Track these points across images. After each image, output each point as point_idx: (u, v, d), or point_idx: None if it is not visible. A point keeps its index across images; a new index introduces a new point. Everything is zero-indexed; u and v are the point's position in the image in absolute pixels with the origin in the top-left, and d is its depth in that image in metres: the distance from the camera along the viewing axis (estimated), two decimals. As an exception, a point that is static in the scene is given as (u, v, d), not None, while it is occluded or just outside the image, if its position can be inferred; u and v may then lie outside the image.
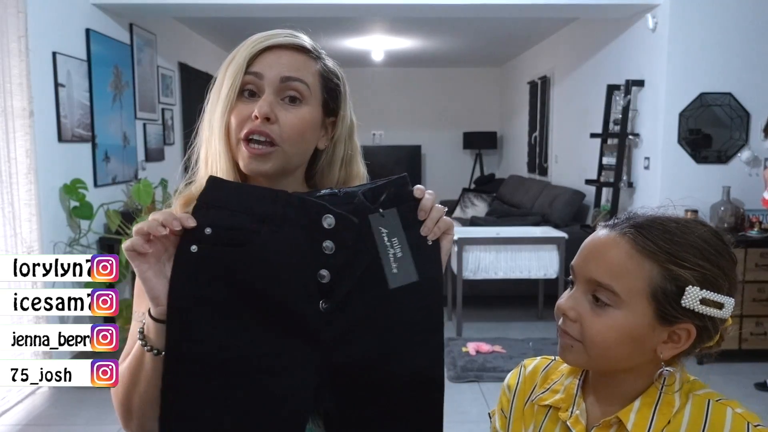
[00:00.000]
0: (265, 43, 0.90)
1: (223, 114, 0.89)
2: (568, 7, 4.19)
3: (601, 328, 0.79)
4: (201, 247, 0.80)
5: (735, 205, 3.94)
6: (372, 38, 6.52)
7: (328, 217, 0.82)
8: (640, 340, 0.79)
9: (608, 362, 0.82)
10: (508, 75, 8.51)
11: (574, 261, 0.85)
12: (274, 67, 0.90)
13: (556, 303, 0.85)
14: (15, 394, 3.19)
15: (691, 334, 0.79)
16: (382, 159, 8.75)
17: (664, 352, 0.80)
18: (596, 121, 4.92)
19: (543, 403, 0.91)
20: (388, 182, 0.90)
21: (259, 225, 0.81)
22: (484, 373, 3.62)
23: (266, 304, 0.81)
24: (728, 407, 0.79)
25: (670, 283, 0.77)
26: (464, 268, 4.28)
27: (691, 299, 0.77)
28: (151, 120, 5.02)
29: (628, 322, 0.78)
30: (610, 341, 0.79)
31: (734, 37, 3.94)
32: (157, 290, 0.81)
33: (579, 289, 0.83)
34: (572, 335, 0.82)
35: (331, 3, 4.11)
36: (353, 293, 0.84)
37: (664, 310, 0.78)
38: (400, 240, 0.86)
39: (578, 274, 0.83)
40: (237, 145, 0.90)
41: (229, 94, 0.89)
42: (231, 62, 0.91)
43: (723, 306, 0.78)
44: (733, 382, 3.43)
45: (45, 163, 3.40)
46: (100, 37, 4.10)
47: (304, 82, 0.92)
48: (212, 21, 5.40)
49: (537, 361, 0.99)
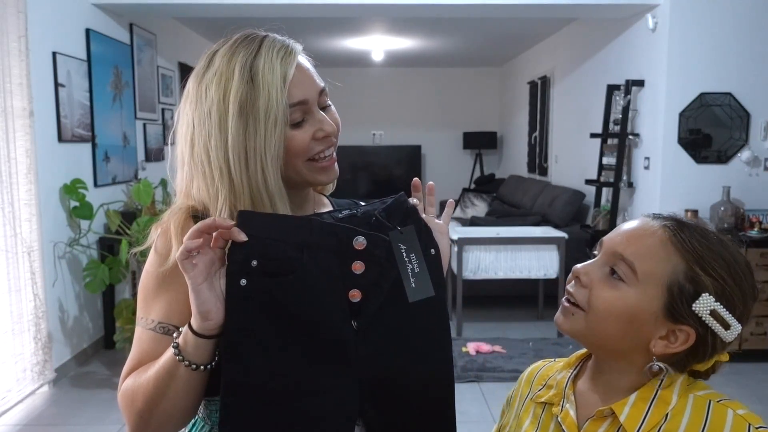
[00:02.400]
0: (291, 69, 0.88)
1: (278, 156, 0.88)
2: (568, 7, 4.19)
3: (608, 297, 0.81)
4: (249, 280, 0.82)
5: (735, 205, 3.94)
6: (372, 38, 6.52)
7: (360, 237, 0.86)
8: (639, 325, 0.80)
9: (600, 337, 0.83)
10: (508, 75, 8.51)
11: (607, 236, 0.86)
12: (310, 87, 0.91)
13: (575, 266, 0.87)
14: (15, 394, 3.19)
15: (689, 339, 0.79)
16: (382, 159, 8.76)
17: (656, 347, 0.80)
18: (596, 121, 4.92)
19: (540, 401, 0.92)
20: (395, 201, 0.94)
21: (300, 253, 0.83)
22: (484, 373, 3.62)
23: (307, 329, 0.84)
24: (729, 408, 0.78)
25: (690, 283, 0.78)
26: (464, 268, 4.28)
27: (703, 306, 0.77)
28: (151, 120, 5.02)
29: (636, 302, 0.79)
30: (612, 313, 0.80)
31: (734, 37, 3.94)
32: (209, 304, 0.80)
33: (601, 259, 0.84)
34: (577, 300, 0.83)
35: (331, 3, 4.11)
36: (380, 310, 0.88)
37: (674, 305, 0.78)
38: (417, 256, 0.90)
39: (606, 246, 0.85)
40: (304, 168, 0.92)
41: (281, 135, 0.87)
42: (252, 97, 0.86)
43: (730, 327, 0.78)
44: (733, 382, 3.43)
45: (45, 163, 3.40)
46: (100, 37, 4.10)
47: (325, 85, 0.95)
48: (212, 21, 5.39)
49: (534, 365, 1.01)
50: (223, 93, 0.86)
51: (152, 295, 0.90)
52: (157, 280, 0.90)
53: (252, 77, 0.86)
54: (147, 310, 0.90)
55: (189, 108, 0.90)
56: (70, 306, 3.73)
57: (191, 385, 0.83)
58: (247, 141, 0.86)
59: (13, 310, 3.17)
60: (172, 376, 0.82)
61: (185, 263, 0.79)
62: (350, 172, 8.44)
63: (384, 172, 8.66)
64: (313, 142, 0.90)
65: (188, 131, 0.90)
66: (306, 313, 0.84)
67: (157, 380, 0.83)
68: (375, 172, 8.68)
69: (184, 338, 0.82)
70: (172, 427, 0.88)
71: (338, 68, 8.34)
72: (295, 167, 0.90)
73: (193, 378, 0.83)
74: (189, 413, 0.88)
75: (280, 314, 0.83)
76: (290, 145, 0.89)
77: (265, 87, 0.85)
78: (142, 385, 0.85)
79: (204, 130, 0.88)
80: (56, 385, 3.46)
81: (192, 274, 0.79)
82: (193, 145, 0.89)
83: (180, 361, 0.81)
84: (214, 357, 0.84)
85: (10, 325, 3.16)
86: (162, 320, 0.88)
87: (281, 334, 0.83)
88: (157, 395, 0.83)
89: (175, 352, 0.82)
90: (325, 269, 0.84)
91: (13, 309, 3.18)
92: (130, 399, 0.86)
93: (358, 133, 8.61)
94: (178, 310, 0.88)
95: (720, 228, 3.86)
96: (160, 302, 0.89)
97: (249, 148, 0.86)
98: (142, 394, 0.85)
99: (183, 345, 0.82)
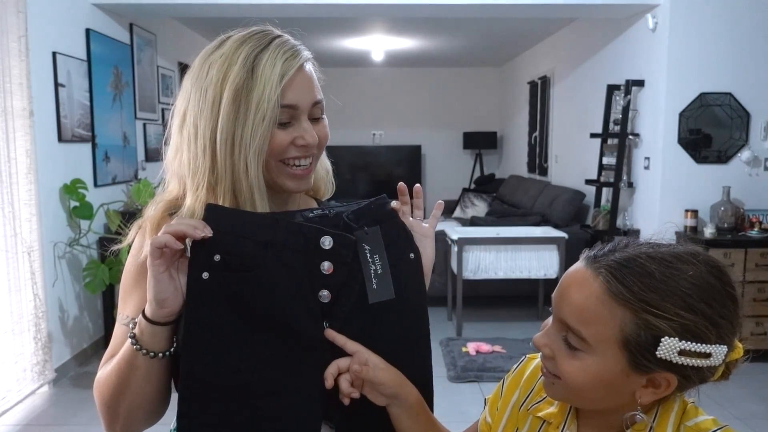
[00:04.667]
0: (292, 70, 0.89)
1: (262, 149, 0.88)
2: (568, 7, 4.19)
3: (572, 369, 0.75)
4: (212, 274, 0.82)
5: (735, 205, 3.94)
6: (372, 38, 6.52)
7: (327, 238, 0.86)
8: (615, 386, 0.75)
9: (584, 402, 0.79)
10: (508, 75, 8.51)
11: (554, 293, 0.80)
12: (306, 95, 0.91)
13: (534, 337, 0.82)
14: (15, 394, 3.18)
15: (671, 383, 0.73)
16: (382, 159, 8.75)
17: (642, 397, 0.75)
18: (596, 121, 4.92)
19: (537, 414, 0.88)
20: (370, 202, 0.94)
21: (264, 251, 0.84)
22: (484, 373, 3.62)
23: (273, 327, 0.84)
24: None
25: (645, 333, 0.71)
26: (464, 268, 4.28)
27: (667, 351, 0.70)
28: (151, 120, 5.02)
29: (600, 368, 0.74)
30: (583, 384, 0.75)
31: (734, 37, 3.94)
32: (166, 292, 0.82)
33: (554, 326, 0.79)
34: (551, 371, 0.79)
35: (331, 3, 4.11)
36: (353, 311, 0.88)
37: (636, 359, 0.72)
38: (381, 257, 0.90)
39: (554, 309, 0.79)
40: (277, 171, 0.92)
41: (267, 130, 0.88)
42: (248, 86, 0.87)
43: (710, 356, 0.71)
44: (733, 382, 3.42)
45: (45, 163, 3.40)
46: (100, 37, 4.10)
47: (323, 98, 0.95)
48: (212, 21, 5.39)
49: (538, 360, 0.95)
50: (223, 76, 0.88)
51: (129, 291, 0.92)
52: (132, 276, 0.92)
53: (253, 68, 0.87)
54: (123, 306, 0.92)
55: (189, 82, 0.92)
56: (70, 306, 3.73)
57: (152, 373, 0.85)
58: (235, 128, 0.87)
59: (13, 310, 3.17)
60: (131, 365, 0.84)
61: (156, 252, 0.80)
62: (350, 172, 8.43)
63: (384, 172, 8.65)
64: (291, 146, 0.91)
65: (183, 104, 0.92)
66: (270, 311, 0.83)
67: (119, 371, 0.85)
68: (375, 172, 8.68)
69: (139, 327, 0.84)
70: (143, 415, 0.89)
71: (338, 68, 8.34)
72: (267, 165, 0.91)
73: (152, 366, 0.84)
74: (157, 402, 0.89)
75: (243, 311, 0.83)
76: (269, 145, 0.90)
77: (262, 80, 0.87)
78: (106, 376, 0.87)
79: (197, 106, 0.89)
80: (56, 385, 3.46)
81: (156, 262, 0.80)
82: (184, 119, 0.91)
83: (138, 350, 0.83)
84: (172, 344, 0.85)
85: (10, 325, 3.16)
86: (134, 316, 0.89)
87: (244, 331, 0.83)
88: (120, 386, 0.85)
89: (132, 342, 0.83)
90: (291, 268, 0.84)
91: (13, 309, 3.18)
92: (98, 392, 0.89)
93: (358, 133, 8.61)
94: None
95: (720, 228, 3.86)
96: (134, 299, 0.91)
97: (236, 135, 0.87)
98: (107, 387, 0.87)
99: (139, 334, 0.83)
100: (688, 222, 3.95)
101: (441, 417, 0.98)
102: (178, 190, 0.94)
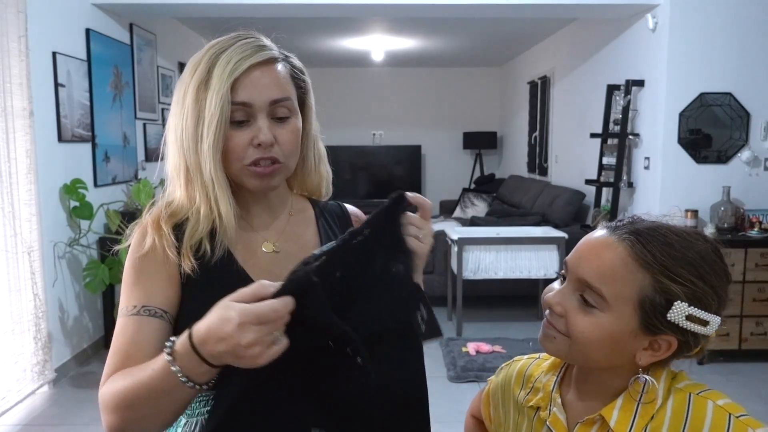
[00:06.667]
0: (244, 66, 0.89)
1: (215, 145, 0.89)
2: (568, 7, 4.19)
3: (585, 326, 0.80)
4: None
5: (735, 205, 3.94)
6: (372, 38, 6.52)
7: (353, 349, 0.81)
8: (621, 344, 0.80)
9: (587, 359, 0.83)
10: (508, 75, 8.51)
11: (569, 257, 0.85)
12: (261, 92, 0.91)
13: (544, 296, 0.86)
14: (15, 394, 3.18)
15: (672, 345, 0.79)
16: (382, 159, 8.75)
17: (642, 359, 0.80)
18: (596, 121, 4.92)
19: (529, 405, 0.92)
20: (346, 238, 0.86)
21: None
22: (484, 373, 3.62)
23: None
24: (709, 400, 0.79)
25: (660, 296, 0.77)
26: (464, 268, 4.28)
27: (678, 314, 0.77)
28: (151, 120, 5.02)
29: (612, 326, 0.79)
30: (592, 340, 0.80)
31: (734, 37, 3.94)
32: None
33: (569, 286, 0.83)
34: (558, 328, 0.83)
35: (331, 3, 4.11)
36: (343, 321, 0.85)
37: (648, 320, 0.78)
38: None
39: (571, 271, 0.84)
40: (240, 170, 0.92)
41: (218, 126, 0.89)
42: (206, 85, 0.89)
43: (708, 324, 0.78)
44: (733, 381, 3.43)
45: (45, 163, 3.40)
46: (100, 37, 4.10)
47: (289, 98, 0.94)
48: (212, 21, 5.39)
49: (521, 362, 1.01)
50: (190, 77, 0.92)
51: (133, 282, 0.91)
52: (135, 268, 0.92)
53: (212, 65, 0.90)
54: (128, 298, 0.90)
55: (178, 84, 0.96)
56: (70, 306, 3.73)
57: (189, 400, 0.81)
58: (196, 126, 0.90)
59: (13, 310, 3.17)
60: (168, 394, 0.78)
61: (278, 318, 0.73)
62: (350, 172, 8.44)
63: (384, 172, 8.65)
64: (251, 148, 0.91)
65: (172, 104, 0.96)
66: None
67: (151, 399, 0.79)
68: (375, 172, 8.67)
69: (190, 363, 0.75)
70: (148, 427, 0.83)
71: (338, 68, 8.34)
72: (231, 167, 0.92)
73: (192, 394, 0.79)
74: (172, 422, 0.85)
75: None
76: (228, 145, 0.91)
77: (216, 77, 0.89)
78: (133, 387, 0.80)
79: (173, 107, 0.94)
80: (56, 385, 3.46)
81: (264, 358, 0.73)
82: (169, 117, 0.96)
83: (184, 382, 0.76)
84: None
85: (10, 325, 3.16)
86: (145, 303, 0.88)
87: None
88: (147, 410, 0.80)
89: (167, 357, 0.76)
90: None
91: (13, 309, 3.18)
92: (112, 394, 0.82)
93: (358, 133, 8.61)
94: (158, 292, 0.90)
95: (720, 228, 3.86)
96: (140, 288, 0.90)
97: (197, 132, 0.90)
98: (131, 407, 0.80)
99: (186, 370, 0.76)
100: (688, 222, 3.95)
101: (441, 417, 0.98)
102: (172, 189, 0.97)
